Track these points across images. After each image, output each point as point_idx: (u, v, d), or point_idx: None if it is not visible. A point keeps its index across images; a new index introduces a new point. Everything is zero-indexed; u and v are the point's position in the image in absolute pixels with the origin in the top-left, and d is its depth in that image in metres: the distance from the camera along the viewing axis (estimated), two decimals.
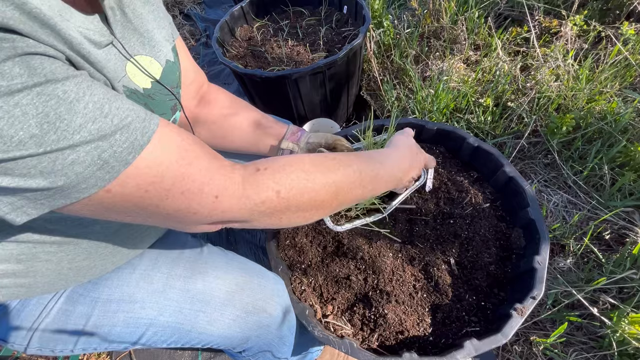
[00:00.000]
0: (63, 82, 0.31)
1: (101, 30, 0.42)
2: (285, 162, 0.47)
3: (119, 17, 0.46)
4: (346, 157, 0.52)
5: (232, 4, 2.24)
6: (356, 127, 0.93)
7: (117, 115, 0.34)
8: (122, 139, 0.34)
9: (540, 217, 0.71)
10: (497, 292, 0.70)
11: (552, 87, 1.25)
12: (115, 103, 0.35)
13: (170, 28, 0.61)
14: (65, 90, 0.31)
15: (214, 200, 0.41)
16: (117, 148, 0.34)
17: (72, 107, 0.31)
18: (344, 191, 0.50)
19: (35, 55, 0.30)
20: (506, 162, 0.79)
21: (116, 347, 0.61)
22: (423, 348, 0.66)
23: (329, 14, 1.57)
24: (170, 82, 0.57)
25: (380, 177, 0.54)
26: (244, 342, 0.65)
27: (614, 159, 1.11)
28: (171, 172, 0.38)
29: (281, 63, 1.38)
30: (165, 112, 0.56)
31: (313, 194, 0.47)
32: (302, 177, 0.46)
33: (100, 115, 0.33)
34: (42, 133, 0.30)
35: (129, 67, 0.48)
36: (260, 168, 0.45)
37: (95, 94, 0.33)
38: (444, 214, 0.80)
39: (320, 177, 0.47)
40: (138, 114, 0.37)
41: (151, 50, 0.52)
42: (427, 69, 1.49)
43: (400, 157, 0.59)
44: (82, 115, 0.32)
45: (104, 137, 0.33)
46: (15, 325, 0.57)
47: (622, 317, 0.81)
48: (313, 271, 0.76)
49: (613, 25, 1.39)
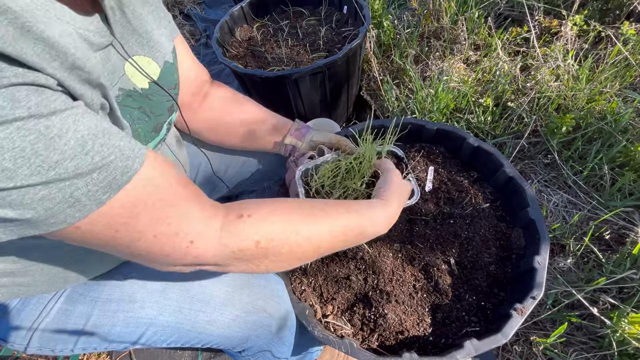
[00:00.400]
0: (47, 117, 0.30)
1: (101, 31, 0.42)
2: (271, 210, 0.45)
3: (118, 17, 0.46)
4: (336, 209, 0.50)
5: (232, 4, 2.24)
6: (356, 127, 0.93)
7: (99, 153, 0.33)
8: (100, 177, 0.33)
9: (540, 217, 0.71)
10: (497, 292, 0.70)
11: (552, 87, 1.25)
12: (100, 139, 0.34)
13: (170, 27, 0.61)
14: (48, 126, 0.30)
15: (188, 245, 0.40)
16: (92, 187, 0.33)
17: (51, 144, 0.30)
18: (326, 246, 0.49)
19: (22, 86, 0.29)
20: (506, 162, 0.79)
21: (116, 346, 0.62)
22: (423, 348, 0.66)
23: (329, 14, 1.57)
24: (168, 83, 0.57)
25: (367, 234, 0.53)
26: (244, 342, 0.65)
27: (614, 159, 1.11)
28: (147, 213, 0.37)
29: (281, 63, 1.38)
30: (162, 113, 0.56)
31: (294, 246, 0.45)
32: (286, 229, 0.45)
33: (81, 152, 0.32)
34: (15, 167, 0.29)
35: (127, 67, 0.47)
36: (243, 214, 0.43)
37: (80, 130, 0.32)
38: (444, 214, 0.80)
39: (305, 230, 0.46)
40: (122, 152, 0.35)
41: (149, 50, 0.52)
42: (427, 69, 1.49)
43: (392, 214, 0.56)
44: (61, 152, 0.31)
45: (80, 175, 0.32)
46: (16, 324, 0.57)
47: (622, 317, 0.81)
48: (313, 271, 0.76)
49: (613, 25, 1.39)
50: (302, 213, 0.47)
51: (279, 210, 0.46)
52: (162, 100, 0.55)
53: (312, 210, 0.48)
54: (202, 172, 0.86)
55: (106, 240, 0.37)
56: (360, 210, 0.52)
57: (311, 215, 0.48)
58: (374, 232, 0.53)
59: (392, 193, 0.57)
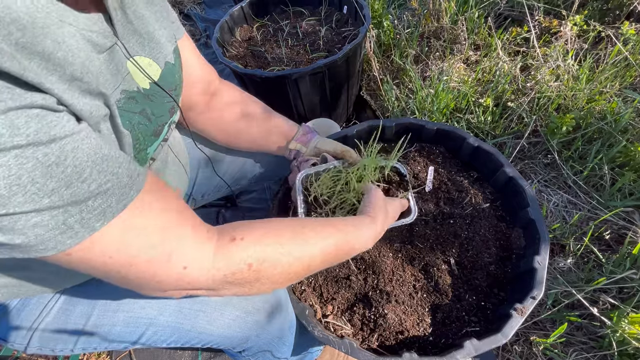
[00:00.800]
0: (46, 145, 0.30)
1: (105, 32, 0.42)
2: (264, 233, 0.46)
3: (120, 17, 0.46)
4: (326, 228, 0.51)
5: (232, 4, 2.24)
6: (355, 127, 0.93)
7: (96, 181, 0.33)
8: (95, 205, 0.33)
9: (540, 217, 0.71)
10: (497, 292, 0.70)
11: (552, 87, 1.25)
12: (98, 166, 0.34)
13: (174, 28, 0.61)
14: (47, 153, 0.30)
15: (181, 270, 0.40)
16: (86, 215, 0.33)
17: (48, 171, 0.30)
18: (317, 264, 0.50)
19: (21, 110, 0.28)
20: (506, 162, 0.79)
21: (116, 346, 0.62)
22: (423, 348, 0.66)
23: (329, 14, 1.57)
24: (168, 84, 0.56)
25: (354, 251, 0.55)
26: (244, 342, 0.65)
27: (614, 159, 1.11)
28: (141, 239, 0.37)
29: (281, 63, 1.38)
30: (163, 114, 0.56)
31: (286, 267, 0.46)
32: (278, 251, 0.45)
33: (78, 180, 0.32)
34: (10, 194, 0.28)
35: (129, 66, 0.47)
36: (236, 237, 0.43)
37: (78, 157, 0.32)
38: (444, 214, 0.80)
39: (296, 251, 0.47)
40: (120, 179, 0.35)
41: (150, 51, 0.52)
42: (427, 69, 1.49)
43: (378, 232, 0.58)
44: (58, 180, 0.30)
45: (76, 202, 0.32)
46: (16, 324, 0.57)
47: (622, 317, 0.81)
48: None
49: (613, 25, 1.39)
50: (293, 234, 0.48)
51: (271, 232, 0.46)
52: (162, 102, 0.55)
53: (302, 230, 0.49)
54: (203, 172, 0.86)
55: (97, 266, 0.37)
56: (348, 228, 0.53)
57: (302, 235, 0.48)
58: (360, 248, 0.55)
59: (377, 211, 0.59)
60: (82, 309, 0.59)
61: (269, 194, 1.43)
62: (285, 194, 0.87)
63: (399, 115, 1.40)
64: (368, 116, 1.63)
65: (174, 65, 0.58)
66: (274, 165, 0.92)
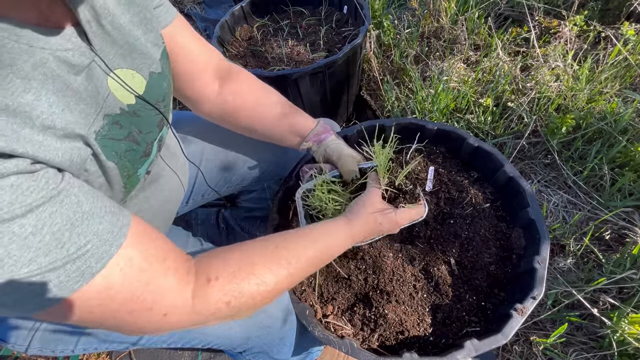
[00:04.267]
0: (22, 217, 0.29)
1: (80, 48, 0.39)
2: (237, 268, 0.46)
3: (95, 29, 0.42)
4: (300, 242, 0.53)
5: (232, 3, 2.24)
6: (355, 127, 0.93)
7: (75, 244, 0.32)
8: (73, 268, 0.32)
9: (540, 217, 0.71)
10: (497, 292, 0.71)
11: (552, 87, 1.25)
12: (78, 228, 0.33)
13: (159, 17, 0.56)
14: (23, 224, 0.29)
15: (161, 318, 0.40)
16: (64, 278, 0.32)
17: (25, 243, 0.29)
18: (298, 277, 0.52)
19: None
20: (506, 162, 0.79)
21: (117, 346, 0.62)
22: (423, 348, 0.66)
23: (329, 13, 1.57)
24: (155, 96, 0.52)
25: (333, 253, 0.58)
26: (245, 343, 0.65)
27: (614, 159, 1.11)
28: (122, 295, 0.37)
29: (281, 63, 1.38)
30: (151, 130, 0.51)
31: (265, 294, 0.47)
32: (253, 283, 0.46)
33: (57, 246, 0.31)
34: None
35: (110, 82, 0.44)
36: (211, 278, 0.44)
37: (56, 222, 0.31)
38: (444, 214, 0.80)
39: (271, 278, 0.47)
40: (100, 237, 0.35)
41: (132, 62, 0.48)
42: (427, 69, 1.49)
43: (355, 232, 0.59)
44: (35, 249, 0.30)
45: (54, 269, 0.31)
46: (17, 325, 0.57)
47: (622, 317, 0.81)
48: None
49: (613, 26, 1.39)
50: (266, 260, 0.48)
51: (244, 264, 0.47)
52: (150, 115, 0.51)
53: (276, 250, 0.50)
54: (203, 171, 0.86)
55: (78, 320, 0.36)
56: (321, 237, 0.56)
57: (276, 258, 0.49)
58: (338, 251, 0.58)
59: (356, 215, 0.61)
60: None
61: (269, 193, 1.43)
62: (285, 193, 0.87)
63: (399, 115, 1.40)
64: (368, 116, 1.63)
65: (160, 74, 0.53)
66: (274, 165, 0.92)
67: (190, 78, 0.65)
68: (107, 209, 0.37)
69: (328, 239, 0.56)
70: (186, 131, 0.83)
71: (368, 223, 0.61)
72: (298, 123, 0.75)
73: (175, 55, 0.61)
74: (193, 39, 0.64)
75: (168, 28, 0.59)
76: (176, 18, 0.60)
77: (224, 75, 0.70)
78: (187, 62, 0.63)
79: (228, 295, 0.44)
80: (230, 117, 0.73)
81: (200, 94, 0.69)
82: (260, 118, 0.74)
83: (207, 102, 0.70)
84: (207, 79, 0.68)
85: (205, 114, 0.74)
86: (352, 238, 0.59)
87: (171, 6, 0.60)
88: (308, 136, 0.76)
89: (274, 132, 0.76)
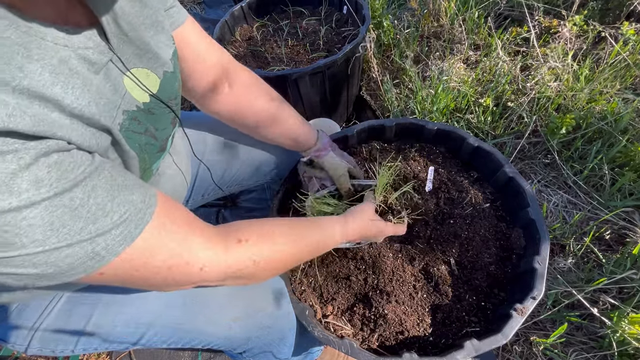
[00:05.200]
0: (71, 190, 0.33)
1: (99, 47, 0.41)
2: (261, 234, 0.53)
3: (114, 30, 0.44)
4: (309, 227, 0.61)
5: (232, 4, 2.24)
6: (355, 127, 0.93)
7: (117, 212, 0.37)
8: (117, 232, 0.37)
9: (540, 217, 0.71)
10: (497, 292, 0.70)
11: (552, 87, 1.25)
12: (117, 198, 0.37)
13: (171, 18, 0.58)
14: (72, 197, 0.33)
15: (199, 271, 0.45)
16: (111, 242, 0.36)
17: (76, 214, 0.33)
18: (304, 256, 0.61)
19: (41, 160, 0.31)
20: (506, 162, 0.79)
21: (117, 347, 0.62)
22: (423, 348, 0.66)
23: (329, 13, 1.57)
24: (168, 94, 0.55)
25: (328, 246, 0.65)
26: (245, 344, 0.65)
27: (614, 159, 1.11)
28: (161, 254, 0.41)
29: (281, 63, 1.38)
30: (166, 127, 0.55)
31: (279, 262, 0.55)
32: (274, 249, 0.54)
33: (102, 215, 0.35)
34: (45, 238, 0.32)
35: (126, 81, 0.46)
36: (242, 239, 0.51)
37: (99, 194, 0.35)
38: (444, 214, 0.80)
39: (288, 248, 0.56)
40: (136, 206, 0.39)
41: (148, 62, 0.50)
42: (427, 69, 1.49)
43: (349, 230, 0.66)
44: (85, 219, 0.34)
45: (101, 234, 0.35)
46: (16, 325, 0.57)
47: (622, 317, 0.81)
48: (313, 271, 0.76)
49: (613, 26, 1.39)
50: (283, 234, 0.56)
51: (267, 233, 0.54)
52: (164, 113, 0.54)
53: (290, 230, 0.58)
54: (203, 170, 0.86)
55: (126, 280, 0.41)
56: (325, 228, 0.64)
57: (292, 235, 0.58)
58: (333, 244, 0.65)
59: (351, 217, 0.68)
60: (83, 310, 0.59)
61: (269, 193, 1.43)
62: (285, 194, 0.87)
63: (399, 115, 1.40)
64: (368, 116, 1.62)
65: (172, 74, 0.56)
66: (274, 165, 0.92)
67: (200, 77, 0.67)
68: (135, 181, 0.41)
69: (327, 232, 0.63)
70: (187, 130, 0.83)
71: (361, 226, 0.68)
72: (301, 135, 0.80)
73: (186, 55, 0.63)
74: (203, 39, 0.67)
75: (179, 29, 0.61)
76: (187, 19, 0.63)
77: (233, 76, 0.73)
78: (197, 62, 0.65)
79: (255, 255, 0.51)
80: (238, 117, 0.76)
81: (210, 93, 0.71)
82: (265, 121, 0.76)
83: (216, 102, 0.72)
84: (217, 78, 0.70)
85: (214, 113, 0.75)
86: (345, 235, 0.66)
87: (182, 8, 0.62)
88: (309, 151, 0.82)
89: (278, 137, 0.80)
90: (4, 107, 0.28)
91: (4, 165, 0.28)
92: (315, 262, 0.78)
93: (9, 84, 0.29)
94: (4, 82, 0.29)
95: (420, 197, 0.82)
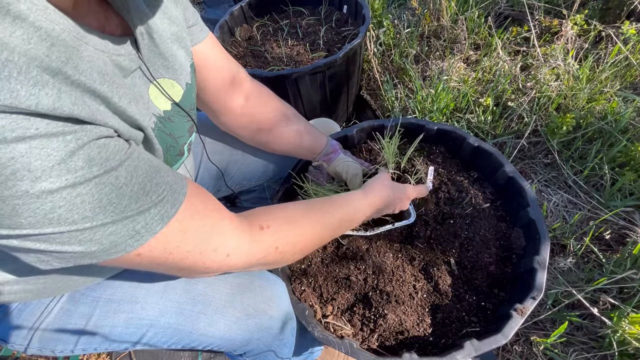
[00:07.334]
0: (116, 169, 0.35)
1: (130, 55, 0.45)
2: (283, 220, 0.55)
3: (147, 42, 0.49)
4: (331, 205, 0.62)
5: (232, 3, 2.24)
6: (355, 127, 0.93)
7: (155, 192, 0.39)
8: (155, 212, 0.39)
9: (540, 217, 0.71)
10: (497, 292, 0.70)
11: (553, 86, 1.24)
12: (155, 179, 0.40)
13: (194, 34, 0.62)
14: (118, 176, 0.35)
15: (225, 258, 0.47)
16: (150, 220, 0.39)
17: (121, 192, 0.36)
18: (327, 236, 0.61)
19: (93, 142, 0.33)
20: (506, 162, 0.79)
21: (117, 347, 0.62)
22: (423, 348, 0.66)
23: (329, 13, 1.57)
24: (188, 104, 0.59)
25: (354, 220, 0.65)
26: (245, 345, 0.65)
27: (614, 159, 1.11)
28: (193, 237, 0.43)
29: (281, 63, 1.38)
30: (183, 135, 0.58)
31: (303, 244, 0.57)
32: (296, 233, 0.55)
33: (143, 194, 0.38)
34: (93, 215, 0.34)
35: (151, 89, 0.50)
36: (263, 226, 0.52)
37: (140, 174, 0.38)
38: (444, 214, 0.80)
39: (309, 230, 0.57)
40: (171, 187, 0.42)
41: (174, 73, 0.54)
42: (427, 68, 1.49)
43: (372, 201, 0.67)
44: (129, 197, 0.36)
45: (142, 212, 0.38)
46: (16, 324, 0.57)
47: (623, 317, 0.81)
48: (313, 271, 0.76)
49: (614, 25, 1.38)
50: (304, 217, 0.57)
51: (289, 218, 0.56)
52: (182, 122, 0.57)
53: (310, 212, 0.59)
54: (203, 170, 0.86)
55: (160, 262, 0.42)
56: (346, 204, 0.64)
57: (312, 216, 0.58)
58: (359, 218, 0.65)
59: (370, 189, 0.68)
60: (83, 310, 0.59)
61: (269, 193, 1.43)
62: (285, 193, 0.87)
63: (399, 115, 1.40)
64: (368, 116, 1.62)
65: (191, 85, 0.60)
66: (274, 165, 0.92)
67: (216, 91, 0.71)
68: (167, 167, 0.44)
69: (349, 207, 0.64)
70: None
71: (382, 192, 0.68)
72: (311, 142, 0.82)
73: (204, 70, 0.67)
74: (222, 55, 0.70)
75: (200, 45, 0.65)
76: (207, 37, 0.66)
77: (248, 92, 0.76)
78: (215, 77, 0.69)
79: (277, 242, 0.52)
80: (248, 131, 0.79)
81: (224, 107, 0.74)
82: (277, 136, 0.80)
83: (230, 115, 0.75)
84: (233, 93, 0.73)
85: (225, 126, 0.79)
86: (370, 205, 0.66)
87: (204, 25, 0.66)
88: (318, 156, 0.84)
89: (289, 149, 0.82)
90: (68, 96, 0.31)
91: (64, 145, 0.31)
92: (316, 262, 0.78)
93: (70, 77, 0.32)
94: (66, 75, 0.31)
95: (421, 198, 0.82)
